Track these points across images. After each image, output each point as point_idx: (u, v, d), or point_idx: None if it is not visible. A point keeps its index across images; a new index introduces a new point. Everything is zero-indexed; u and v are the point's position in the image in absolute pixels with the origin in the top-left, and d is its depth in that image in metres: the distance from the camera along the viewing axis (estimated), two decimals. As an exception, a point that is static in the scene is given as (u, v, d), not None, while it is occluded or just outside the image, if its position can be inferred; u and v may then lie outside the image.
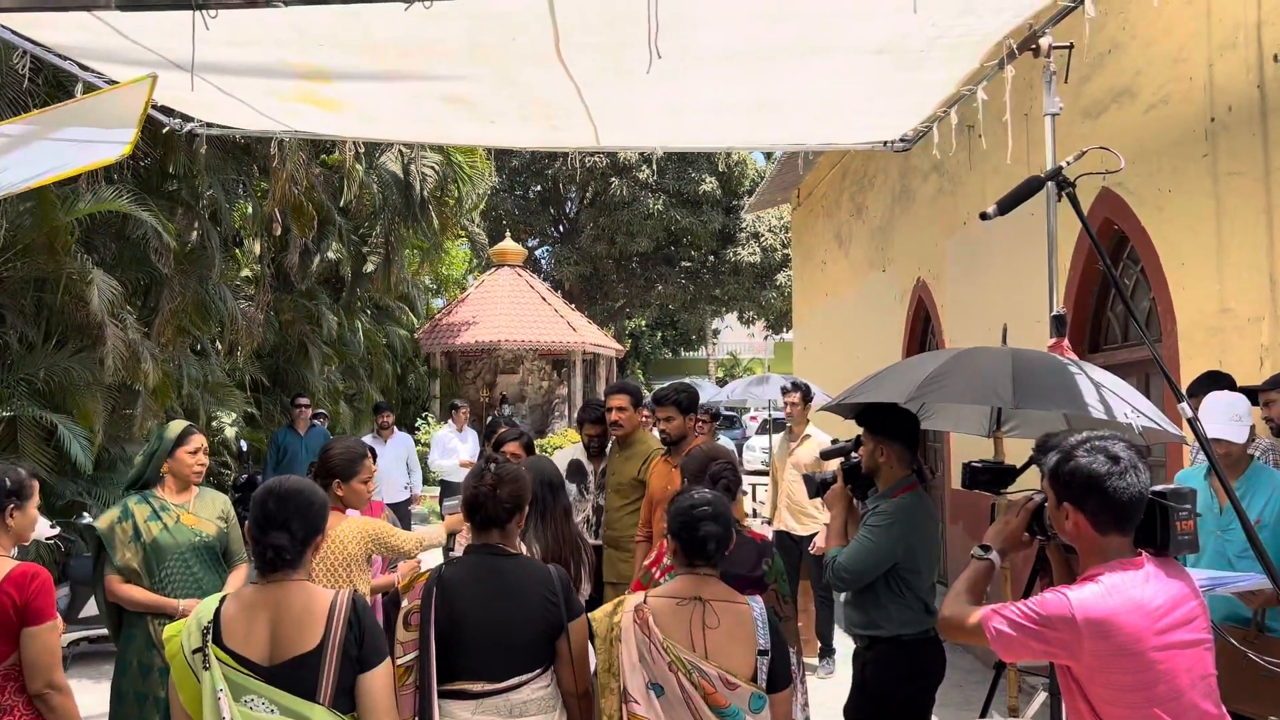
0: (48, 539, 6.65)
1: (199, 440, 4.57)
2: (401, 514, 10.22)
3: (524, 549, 3.72)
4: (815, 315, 15.83)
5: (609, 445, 6.10)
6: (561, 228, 34.39)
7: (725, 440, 11.12)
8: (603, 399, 6.06)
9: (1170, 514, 2.40)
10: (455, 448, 11.41)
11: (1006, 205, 3.67)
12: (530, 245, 33.84)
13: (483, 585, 3.07)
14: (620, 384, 5.99)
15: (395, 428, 10.87)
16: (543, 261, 35.31)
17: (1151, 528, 2.42)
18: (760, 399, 13.06)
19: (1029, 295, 7.31)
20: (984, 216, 3.67)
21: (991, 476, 3.69)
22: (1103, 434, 2.46)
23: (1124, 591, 2.30)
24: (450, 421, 12.02)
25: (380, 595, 4.74)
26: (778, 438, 8.50)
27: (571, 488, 6.00)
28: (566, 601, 3.12)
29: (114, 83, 5.25)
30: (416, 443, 18.76)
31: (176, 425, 4.59)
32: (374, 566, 4.64)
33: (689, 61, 5.01)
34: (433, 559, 4.92)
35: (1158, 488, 2.42)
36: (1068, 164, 3.87)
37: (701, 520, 3.11)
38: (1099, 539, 2.41)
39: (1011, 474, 3.66)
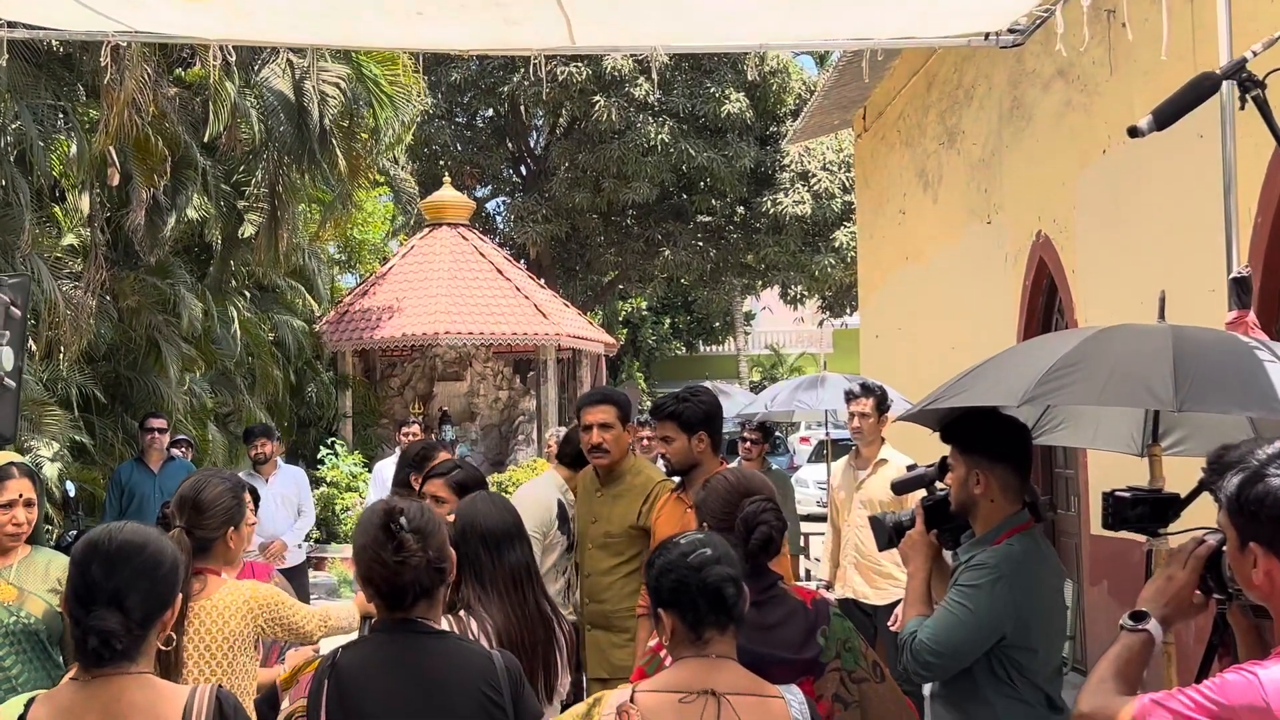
0: None
1: (18, 488, 4.53)
2: (299, 585, 10.19)
3: (454, 626, 3.71)
4: (890, 289, 15.82)
5: (587, 478, 6.06)
6: (524, 169, 34.41)
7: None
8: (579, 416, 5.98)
9: None
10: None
11: (1166, 116, 3.65)
12: (479, 195, 33.89)
13: (395, 677, 3.07)
14: (601, 391, 5.98)
15: (281, 460, 10.87)
16: (498, 218, 35.37)
17: None
18: (814, 410, 13.04)
19: (1196, 250, 7.28)
20: (1134, 132, 3.65)
21: (1147, 509, 3.66)
22: None
23: None
24: (397, 449, 12.01)
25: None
26: (839, 465, 8.49)
27: (561, 540, 5.96)
28: (516, 701, 3.12)
29: None
30: (320, 482, 18.80)
31: None
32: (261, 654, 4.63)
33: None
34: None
35: None
36: (1253, 54, 3.84)
37: (703, 568, 3.11)
38: None
39: (1175, 505, 3.64)
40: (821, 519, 12.74)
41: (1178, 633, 4.59)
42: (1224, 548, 2.64)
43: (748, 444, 10.39)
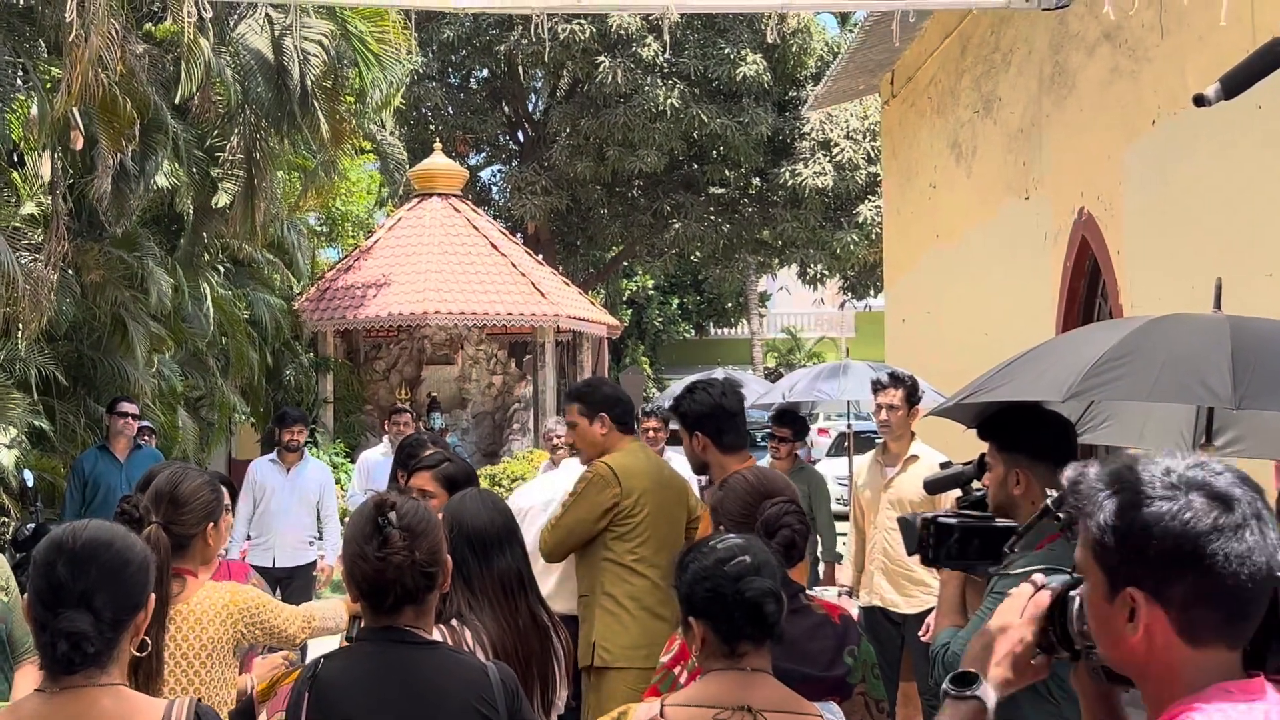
0: None
1: None
2: (301, 585, 10.23)
3: (448, 636, 3.72)
4: (919, 269, 15.83)
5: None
6: (522, 135, 34.40)
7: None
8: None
9: None
10: (385, 480, 11.37)
11: (1237, 83, 3.65)
12: (473, 164, 33.90)
13: (381, 689, 3.08)
14: (569, 391, 6.15)
15: (305, 451, 10.89)
16: (493, 189, 35.40)
17: (1270, 632, 2.08)
18: (836, 400, 13.05)
19: (1253, 231, 7.28)
20: (1200, 101, 3.65)
21: (978, 542, 3.44)
22: (1199, 459, 2.12)
23: None
24: (385, 439, 12.02)
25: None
26: (862, 461, 8.49)
27: None
28: (513, 716, 3.13)
29: None
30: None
31: None
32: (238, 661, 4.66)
33: None
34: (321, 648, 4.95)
35: None
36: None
37: (741, 578, 3.12)
38: (1190, 655, 2.05)
39: (1013, 537, 3.31)
40: (842, 518, 12.78)
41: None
42: (1073, 594, 2.30)
43: (776, 442, 9.77)
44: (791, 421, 9.96)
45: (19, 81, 13.29)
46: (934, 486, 4.53)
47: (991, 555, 3.17)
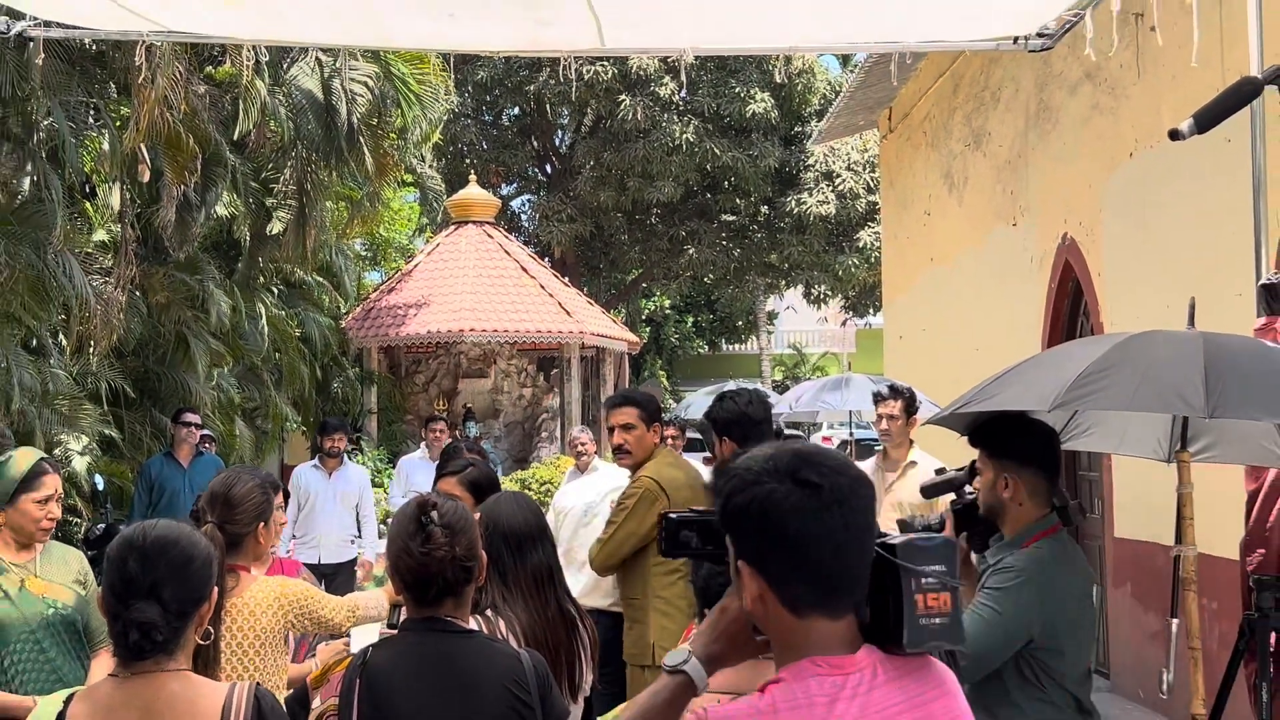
0: None
1: (53, 484, 4.61)
2: (344, 580, 10.25)
3: (483, 626, 3.73)
4: (915, 290, 15.79)
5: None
6: (549, 168, 34.43)
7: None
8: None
9: (903, 581, 2.04)
10: (424, 484, 11.37)
11: (1209, 118, 3.64)
12: (505, 194, 33.93)
13: (426, 676, 3.09)
14: (623, 394, 6.08)
15: (347, 457, 10.91)
16: (523, 217, 35.42)
17: (885, 607, 2.07)
18: (838, 410, 13.03)
19: (1224, 255, 7.26)
20: (1175, 135, 3.65)
21: (694, 533, 3.35)
22: (815, 448, 2.16)
23: (780, 714, 2.01)
24: (423, 445, 12.05)
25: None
26: (865, 466, 8.48)
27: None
28: (544, 700, 3.12)
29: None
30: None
31: (24, 458, 4.62)
32: (290, 649, 4.66)
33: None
34: (366, 637, 4.97)
35: (893, 538, 2.10)
36: (1288, 63, 3.84)
37: None
38: (795, 623, 2.08)
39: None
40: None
41: (1203, 638, 4.59)
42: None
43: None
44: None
45: (91, 119, 13.37)
46: (930, 491, 4.53)
47: (713, 544, 2.96)
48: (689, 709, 2.15)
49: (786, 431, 10.58)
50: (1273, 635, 4.31)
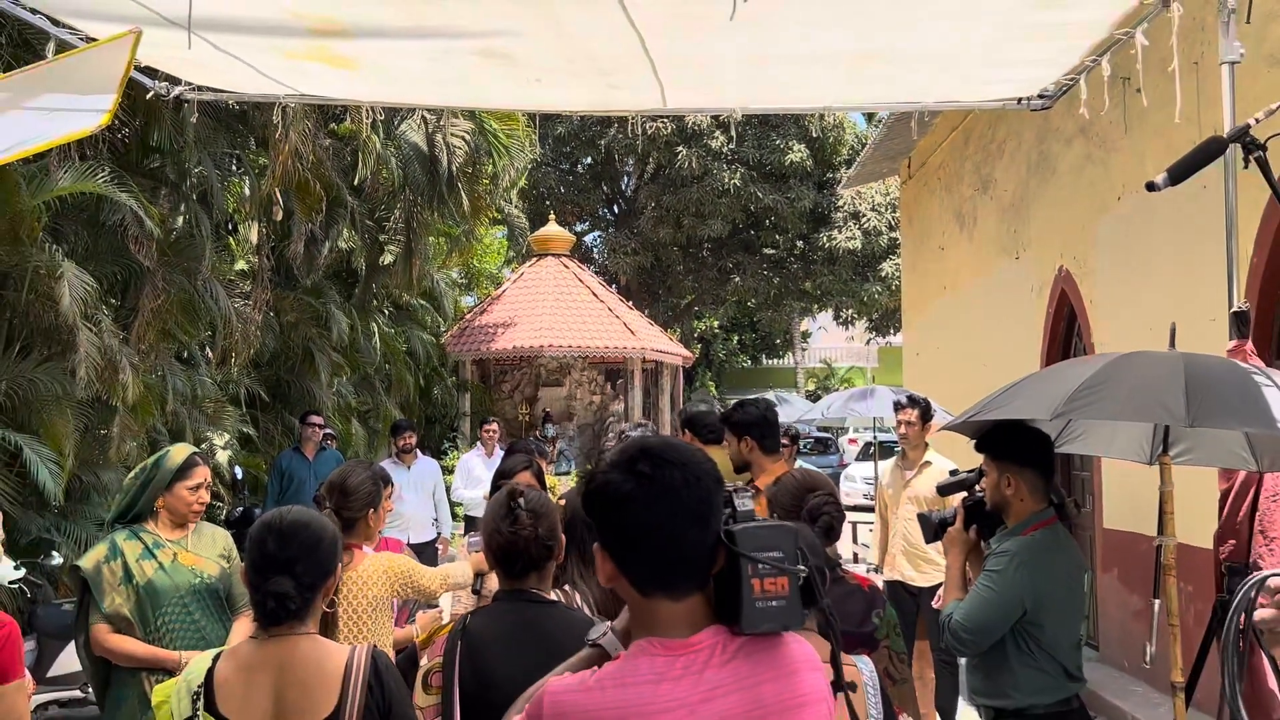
0: (11, 583, 6.83)
1: (203, 474, 4.71)
2: (427, 559, 10.30)
3: (563, 598, 3.74)
4: (930, 314, 15.69)
5: None
6: (617, 208, 34.53)
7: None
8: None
9: (741, 566, 1.91)
10: (482, 476, 11.43)
11: (1180, 172, 3.61)
12: (579, 230, 34.04)
13: (516, 639, 3.10)
14: (688, 414, 6.02)
15: (419, 451, 10.96)
16: (594, 250, 35.48)
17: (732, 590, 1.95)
18: (863, 417, 12.97)
19: (1200, 286, 7.16)
20: (1151, 187, 3.61)
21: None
22: (664, 442, 2.03)
23: (606, 690, 1.91)
24: (478, 444, 12.09)
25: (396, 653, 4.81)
26: (885, 465, 8.44)
27: None
28: None
29: (91, 40, 5.39)
30: (445, 470, 18.96)
31: (179, 452, 4.72)
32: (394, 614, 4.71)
33: (776, 2, 5.00)
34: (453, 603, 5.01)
35: (736, 526, 1.95)
36: (1256, 121, 3.79)
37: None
38: (643, 601, 1.99)
39: None
40: (867, 509, 12.63)
41: (1181, 616, 4.52)
42: None
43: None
44: (786, 431, 10.01)
45: (234, 168, 13.58)
46: (945, 490, 4.53)
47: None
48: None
49: (816, 435, 10.49)
50: (1240, 616, 4.25)
